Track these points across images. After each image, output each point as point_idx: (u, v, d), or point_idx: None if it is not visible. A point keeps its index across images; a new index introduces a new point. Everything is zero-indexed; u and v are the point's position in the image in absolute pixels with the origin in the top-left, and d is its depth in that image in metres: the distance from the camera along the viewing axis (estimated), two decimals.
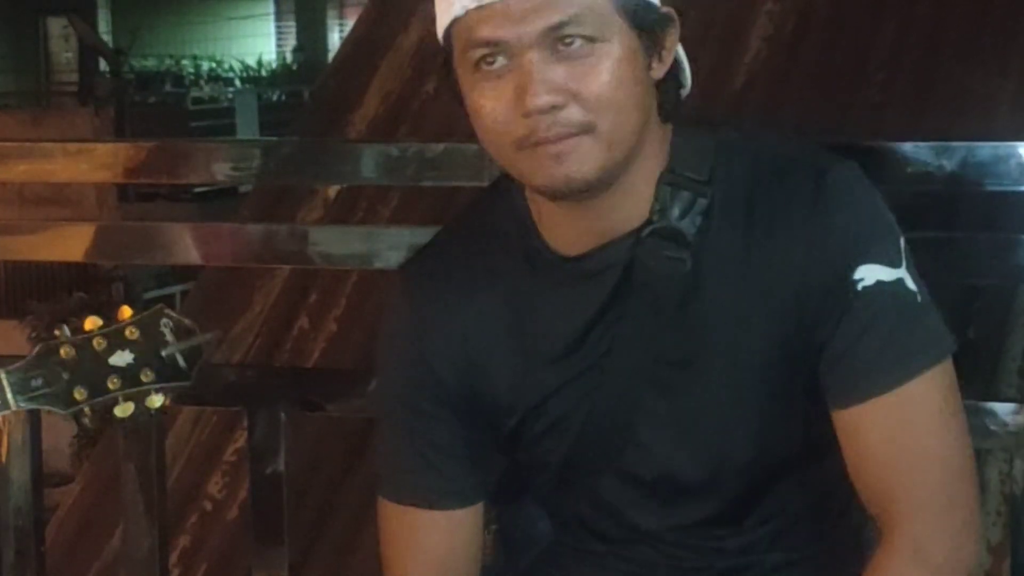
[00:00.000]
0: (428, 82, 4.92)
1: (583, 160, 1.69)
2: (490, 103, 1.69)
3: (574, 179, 1.69)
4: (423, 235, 2.70)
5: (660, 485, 1.85)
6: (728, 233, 1.77)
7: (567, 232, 1.80)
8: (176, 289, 11.09)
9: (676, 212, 1.76)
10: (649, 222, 1.76)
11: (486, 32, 1.67)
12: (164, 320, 1.97)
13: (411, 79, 5.01)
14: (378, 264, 2.80)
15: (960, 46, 4.42)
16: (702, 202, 1.76)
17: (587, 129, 1.68)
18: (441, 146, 2.73)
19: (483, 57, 1.68)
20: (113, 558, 4.35)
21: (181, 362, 1.97)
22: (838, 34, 4.63)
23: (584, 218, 1.77)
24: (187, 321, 1.99)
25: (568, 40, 1.66)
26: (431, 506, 1.92)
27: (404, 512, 1.94)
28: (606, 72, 1.68)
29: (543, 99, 1.65)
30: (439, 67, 1.76)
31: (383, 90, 5.03)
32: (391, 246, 2.79)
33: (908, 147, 2.34)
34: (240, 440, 4.03)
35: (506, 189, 1.87)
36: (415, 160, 2.74)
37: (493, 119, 1.69)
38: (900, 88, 4.42)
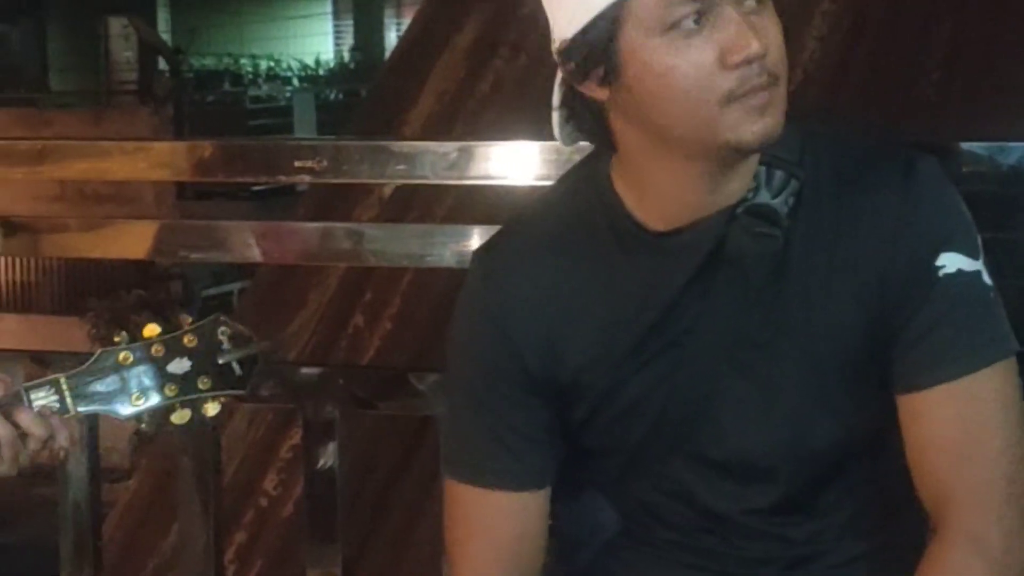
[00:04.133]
0: (483, 81, 4.93)
1: (779, 110, 1.72)
2: (691, 61, 1.69)
3: (772, 131, 1.72)
4: (478, 234, 2.73)
5: (734, 467, 1.85)
6: (817, 216, 1.79)
7: (668, 206, 1.81)
8: (233, 287, 11.14)
9: (770, 191, 1.78)
10: (744, 199, 1.78)
11: None
12: (222, 328, 1.98)
13: (466, 78, 5.02)
14: (433, 262, 2.82)
15: (1016, 45, 4.38)
16: (795, 183, 1.79)
17: (778, 80, 1.72)
18: (495, 145, 2.75)
19: (682, 16, 1.68)
20: (170, 554, 4.38)
21: (238, 370, 1.98)
22: (893, 34, 4.60)
23: (703, 189, 1.78)
24: (244, 329, 2.00)
25: None
26: (502, 487, 1.92)
27: (474, 493, 1.93)
28: (779, 26, 1.73)
29: (757, 45, 1.67)
30: (587, 56, 1.74)
31: (438, 89, 5.04)
32: (446, 245, 2.80)
33: (964, 147, 2.34)
34: (295, 437, 4.05)
35: (585, 170, 1.88)
36: (469, 159, 2.75)
37: (696, 77, 1.69)
38: (956, 87, 4.40)
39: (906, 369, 1.77)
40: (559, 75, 1.80)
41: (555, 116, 1.84)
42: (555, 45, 1.78)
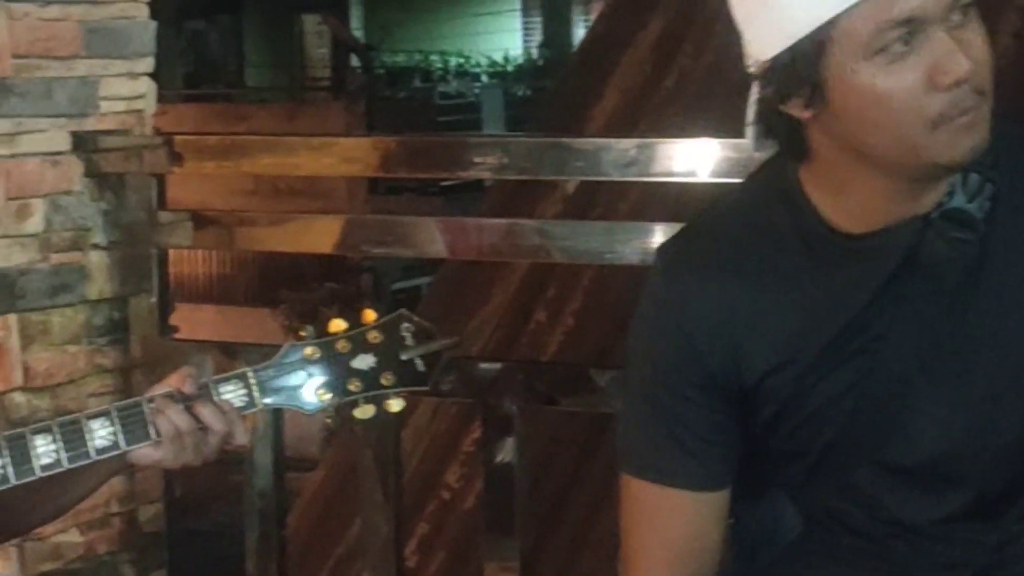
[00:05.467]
0: (668, 78, 4.90)
1: (986, 126, 1.68)
2: (901, 86, 1.66)
3: (980, 147, 1.68)
4: (661, 231, 2.72)
5: (921, 475, 1.82)
6: (1013, 220, 1.75)
7: (865, 212, 1.77)
8: (423, 281, 11.22)
9: (966, 195, 1.74)
10: (939, 204, 1.75)
11: (899, 11, 1.65)
12: (405, 324, 2.00)
13: (650, 75, 5.00)
14: (615, 259, 2.81)
15: None
16: (990, 187, 1.75)
17: (985, 95, 1.68)
18: (675, 143, 2.73)
19: (891, 40, 1.66)
20: (354, 544, 4.44)
21: (421, 366, 2.00)
22: None
23: (902, 199, 1.75)
24: (428, 326, 2.01)
25: (965, 8, 1.67)
26: (679, 486, 1.90)
27: (651, 489, 1.92)
28: (985, 36, 1.69)
29: (967, 66, 1.64)
30: (790, 78, 1.71)
31: (622, 85, 5.03)
32: (628, 242, 2.79)
33: None
34: (478, 431, 4.08)
35: (772, 170, 1.86)
36: (650, 157, 2.74)
37: (905, 101, 1.66)
38: None
39: None
40: (753, 91, 1.78)
41: (749, 131, 1.82)
42: (752, 64, 1.76)
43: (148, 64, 3.48)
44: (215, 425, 1.95)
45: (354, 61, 19.57)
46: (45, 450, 1.90)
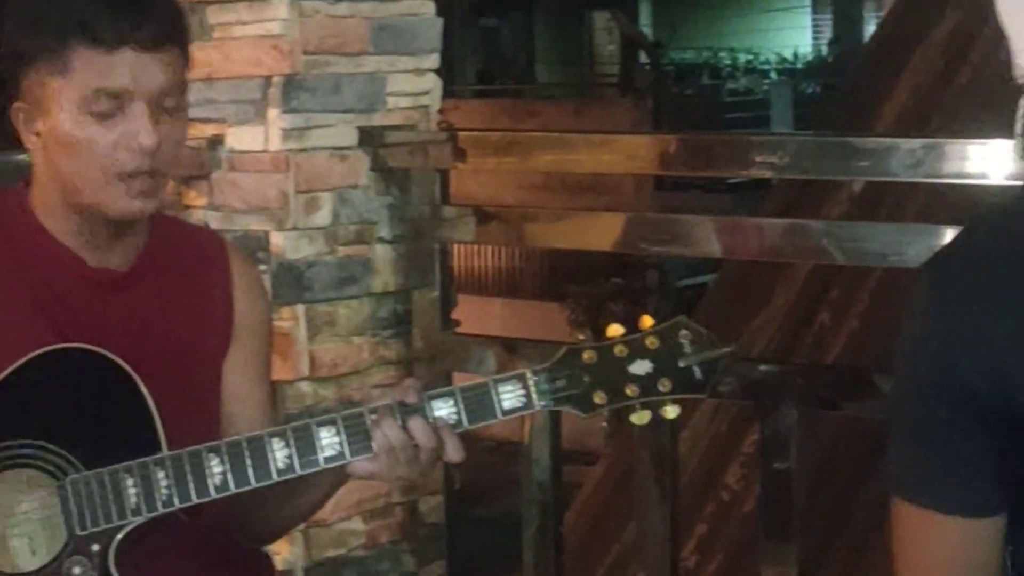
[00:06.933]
0: (960, 75, 4.76)
1: None
2: None
3: None
4: (951, 235, 2.63)
5: None
6: None
7: None
8: (709, 278, 11.16)
9: None
10: None
11: None
12: (684, 331, 1.98)
13: (943, 72, 4.86)
14: (900, 262, 2.74)
15: None
16: None
17: None
18: (966, 143, 2.64)
19: None
20: (632, 542, 4.44)
21: (699, 374, 1.98)
22: None
23: None
24: (707, 333, 1.99)
25: None
26: (946, 511, 1.84)
27: (920, 514, 1.87)
28: None
29: None
30: None
31: (913, 83, 4.90)
32: (915, 244, 2.71)
33: None
34: (758, 432, 4.03)
35: None
36: (939, 157, 2.66)
37: None
38: None
39: None
40: (1022, 105, 1.70)
41: (1017, 143, 1.74)
42: (1020, 70, 1.69)
43: (434, 60, 3.52)
44: (424, 442, 1.95)
45: (642, 58, 19.60)
46: (282, 454, 1.94)
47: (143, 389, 1.93)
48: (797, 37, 28.67)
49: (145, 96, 1.93)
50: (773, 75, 25.76)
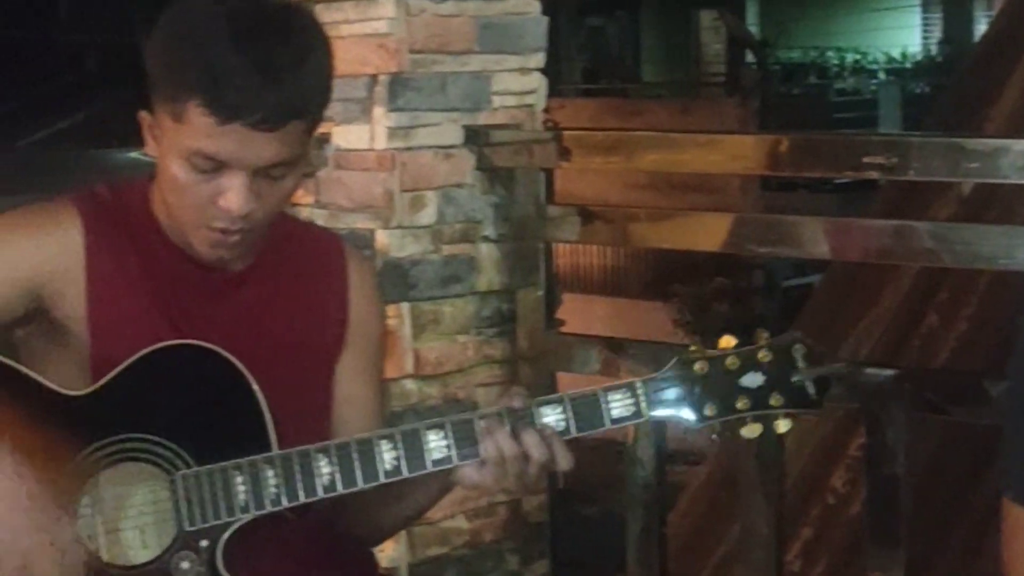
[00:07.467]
0: None
1: None
2: None
3: None
4: None
5: None
6: None
7: None
8: (814, 278, 11.06)
9: None
10: None
11: None
12: (797, 345, 1.96)
13: None
14: (1011, 264, 2.69)
15: None
16: None
17: None
18: None
19: None
20: (737, 545, 4.42)
21: (811, 390, 1.97)
22: None
23: None
24: (821, 349, 1.97)
25: None
26: None
27: None
28: None
29: None
30: None
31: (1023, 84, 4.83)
32: None
33: None
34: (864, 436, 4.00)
35: None
36: None
37: None
38: None
39: None
40: None
41: None
42: None
43: (539, 59, 3.52)
44: (536, 453, 1.94)
45: (749, 57, 19.49)
46: (390, 456, 1.94)
47: (255, 388, 1.95)
48: (906, 37, 28.35)
49: (246, 168, 1.92)
50: (881, 75, 25.49)
